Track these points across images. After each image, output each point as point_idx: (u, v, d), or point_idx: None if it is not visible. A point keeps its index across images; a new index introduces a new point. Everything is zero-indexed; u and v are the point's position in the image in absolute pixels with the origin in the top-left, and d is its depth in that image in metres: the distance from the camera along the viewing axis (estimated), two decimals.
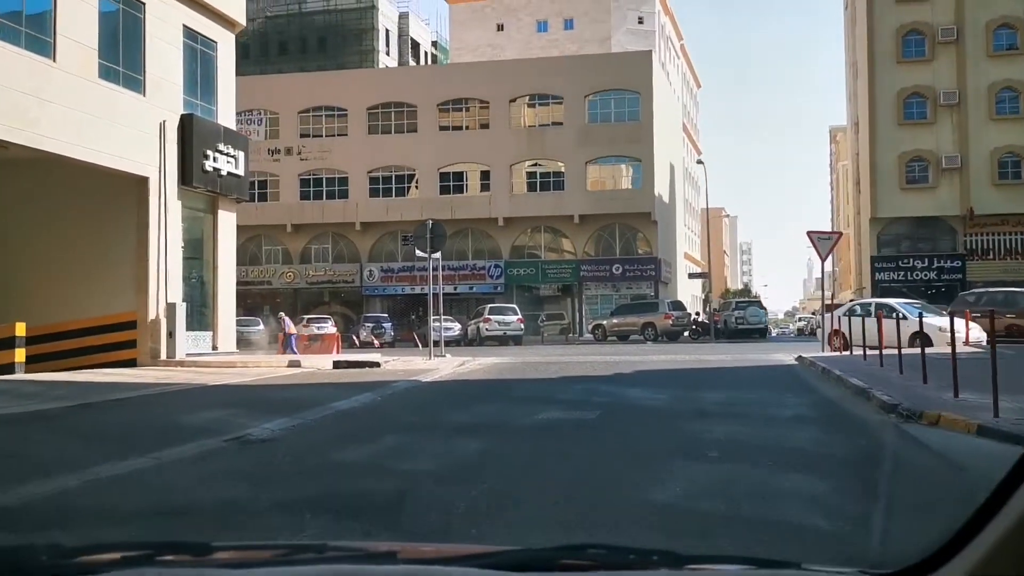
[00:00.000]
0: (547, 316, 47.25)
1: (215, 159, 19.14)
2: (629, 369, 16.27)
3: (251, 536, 4.69)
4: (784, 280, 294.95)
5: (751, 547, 4.00)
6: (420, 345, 40.23)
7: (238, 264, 50.49)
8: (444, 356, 22.08)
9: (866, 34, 43.92)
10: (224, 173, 19.59)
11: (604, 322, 41.14)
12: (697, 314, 43.48)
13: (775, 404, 10.34)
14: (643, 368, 16.50)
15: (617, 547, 1.64)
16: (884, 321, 21.35)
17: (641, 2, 70.19)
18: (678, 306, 40.58)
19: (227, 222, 20.65)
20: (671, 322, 38.85)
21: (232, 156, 19.79)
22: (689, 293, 74.36)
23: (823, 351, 21.28)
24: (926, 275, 43.12)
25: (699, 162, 40.77)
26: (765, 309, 42.46)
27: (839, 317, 23.81)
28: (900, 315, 21.78)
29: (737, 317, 40.83)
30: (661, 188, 48.75)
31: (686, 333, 41.11)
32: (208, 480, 6.64)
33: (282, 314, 27.68)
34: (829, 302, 35.15)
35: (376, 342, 33.01)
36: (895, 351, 20.52)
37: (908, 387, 10.67)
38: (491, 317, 39.04)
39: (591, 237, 46.99)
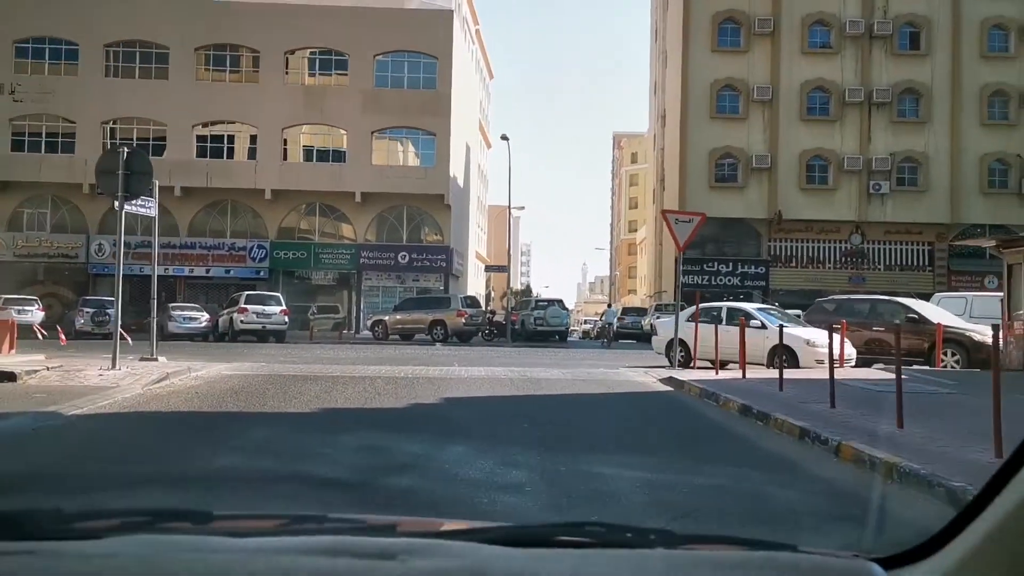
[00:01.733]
0: (319, 308, 40.56)
1: None
2: (432, 394, 10.47)
3: None
4: (559, 283, 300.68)
5: None
6: (154, 340, 32.35)
7: None
8: (155, 360, 15.26)
9: (680, 18, 40.84)
10: None
11: (386, 318, 35.10)
12: (492, 313, 38.45)
13: (773, 503, 4.91)
14: (454, 393, 10.75)
15: (614, 525, 1.53)
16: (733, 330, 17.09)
17: None
18: (472, 303, 35.31)
19: None
20: (464, 321, 33.47)
21: None
22: (475, 291, 69.92)
23: (675, 366, 16.51)
24: (730, 280, 40.61)
25: (503, 137, 35.78)
26: (568, 310, 38.15)
27: (676, 323, 19.33)
28: (759, 323, 17.56)
29: (536, 318, 36.15)
30: (456, 169, 43.40)
31: (482, 333, 36.00)
32: None
33: None
34: (665, 302, 31.32)
35: (62, 337, 24.94)
36: (762, 368, 16.25)
37: (959, 459, 5.60)
38: (248, 307, 31.89)
39: (375, 220, 40.76)
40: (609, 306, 46.07)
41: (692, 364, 17.79)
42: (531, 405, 9.67)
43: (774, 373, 15.29)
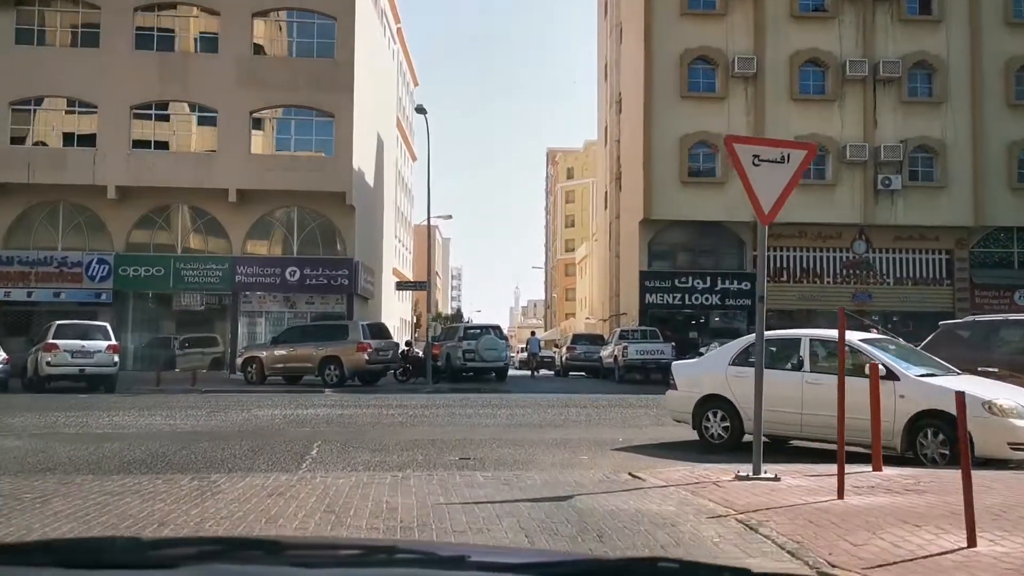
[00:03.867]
0: (191, 341, 31.40)
1: None
2: None
3: None
4: (492, 308, 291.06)
5: None
6: None
7: None
8: None
9: None
10: None
11: (262, 354, 26.01)
12: (408, 345, 29.44)
13: None
14: None
15: (687, 562, 1.53)
16: (851, 381, 8.84)
17: None
18: (380, 331, 26.35)
19: None
20: (367, 356, 24.59)
21: None
22: (398, 316, 60.59)
23: (760, 472, 7.86)
24: (708, 299, 32.54)
25: (419, 109, 26.83)
26: (506, 339, 29.46)
27: (720, 367, 10.87)
28: (887, 370, 9.18)
29: (466, 351, 27.44)
30: (364, 163, 34.51)
31: (394, 372, 27.25)
32: None
33: None
34: (631, 327, 24.18)
35: None
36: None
37: None
38: (57, 343, 22.56)
39: (256, 225, 31.58)
40: (532, 334, 38.19)
41: (713, 436, 9.26)
42: None
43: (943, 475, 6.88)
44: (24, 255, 29.92)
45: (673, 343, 28.46)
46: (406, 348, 28.53)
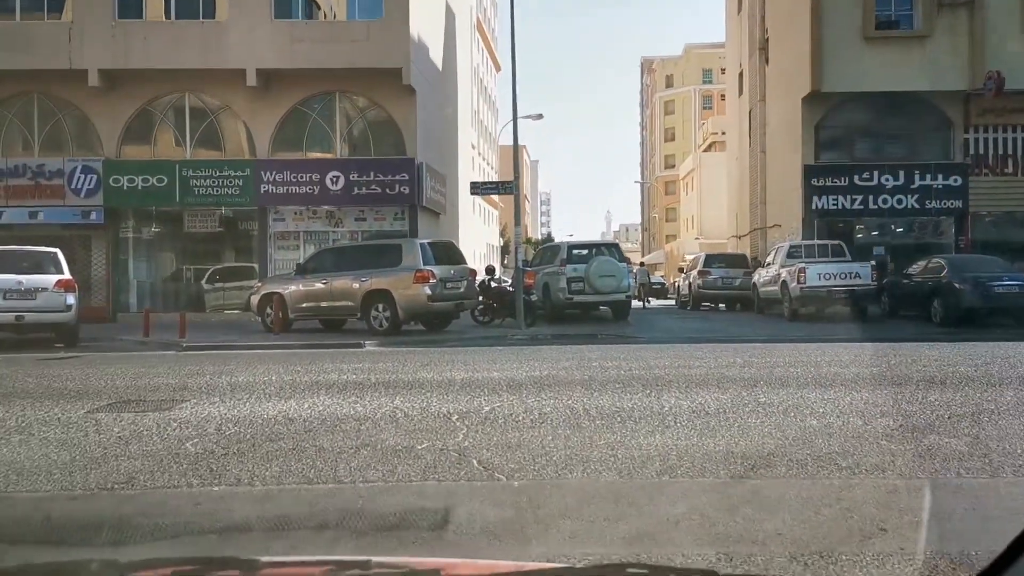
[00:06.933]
0: (221, 273, 24.42)
1: None
2: None
3: None
4: (581, 233, 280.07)
5: None
6: None
7: None
8: None
9: None
10: None
11: (285, 290, 18.41)
12: (490, 272, 21.25)
13: None
14: None
15: (657, 566, 1.48)
16: None
17: None
18: (448, 254, 18.35)
19: None
20: (429, 290, 16.69)
21: None
22: (483, 242, 52.85)
23: None
24: (900, 200, 23.54)
25: None
26: (627, 260, 21.14)
27: None
28: None
29: (572, 279, 19.40)
30: (426, 33, 26.18)
31: (472, 311, 19.38)
32: None
33: None
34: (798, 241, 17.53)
35: None
36: None
37: None
38: None
39: (287, 118, 23.78)
40: (641, 264, 30.49)
41: None
42: None
43: None
44: None
45: (872, 262, 19.74)
46: (487, 277, 20.52)
